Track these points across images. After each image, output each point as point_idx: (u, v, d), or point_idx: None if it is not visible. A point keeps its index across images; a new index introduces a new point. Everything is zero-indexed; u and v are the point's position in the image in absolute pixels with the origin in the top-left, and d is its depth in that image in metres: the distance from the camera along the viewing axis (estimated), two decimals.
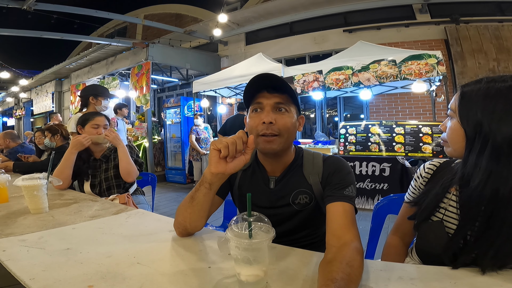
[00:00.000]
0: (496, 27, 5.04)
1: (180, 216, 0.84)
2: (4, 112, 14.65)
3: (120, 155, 1.68)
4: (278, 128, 0.85)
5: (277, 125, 0.84)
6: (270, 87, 0.86)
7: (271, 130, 0.84)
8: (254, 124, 0.86)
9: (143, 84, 6.28)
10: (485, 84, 0.67)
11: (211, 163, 0.75)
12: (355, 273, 0.58)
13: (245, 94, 0.90)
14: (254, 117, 0.87)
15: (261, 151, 0.88)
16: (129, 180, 1.71)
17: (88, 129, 1.75)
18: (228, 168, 0.74)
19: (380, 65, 3.70)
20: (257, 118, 0.86)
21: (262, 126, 0.84)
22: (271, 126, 0.84)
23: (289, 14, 6.27)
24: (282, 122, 0.85)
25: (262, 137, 0.85)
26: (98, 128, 1.75)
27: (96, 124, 1.76)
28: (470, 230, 0.65)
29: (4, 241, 0.84)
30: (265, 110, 0.86)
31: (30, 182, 1.13)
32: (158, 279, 0.62)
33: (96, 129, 1.75)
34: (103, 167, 1.76)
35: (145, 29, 10.49)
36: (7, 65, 9.32)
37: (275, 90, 0.86)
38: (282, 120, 0.85)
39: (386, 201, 1.26)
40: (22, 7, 5.20)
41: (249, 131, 0.88)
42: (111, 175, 1.74)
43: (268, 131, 0.84)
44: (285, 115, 0.86)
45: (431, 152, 3.54)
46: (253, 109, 0.88)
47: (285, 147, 0.89)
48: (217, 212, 1.10)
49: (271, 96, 0.86)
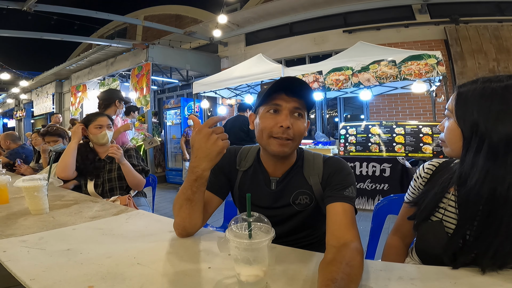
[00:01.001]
0: (495, 27, 5.05)
1: (178, 217, 0.84)
2: (4, 114, 14.67)
3: (125, 171, 1.67)
4: (293, 133, 0.85)
5: (293, 130, 0.84)
6: (289, 90, 0.85)
7: (286, 135, 0.84)
8: (269, 125, 0.85)
9: (143, 85, 6.29)
10: (481, 84, 0.67)
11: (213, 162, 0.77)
12: (355, 273, 0.58)
13: (263, 92, 0.88)
14: (270, 118, 0.85)
15: (272, 153, 0.87)
16: (138, 189, 1.75)
17: (91, 129, 1.76)
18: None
19: (380, 66, 3.70)
20: (273, 119, 0.85)
21: (278, 129, 0.84)
22: (287, 130, 0.84)
23: (289, 15, 6.29)
24: (298, 127, 0.85)
25: (276, 139, 0.85)
26: (102, 128, 1.76)
27: (99, 124, 1.76)
28: (469, 229, 0.66)
29: (5, 242, 0.84)
30: (283, 114, 0.84)
31: (31, 183, 1.13)
32: (158, 280, 0.62)
33: (100, 129, 1.76)
34: (107, 168, 1.76)
35: (145, 30, 10.49)
36: (7, 66, 9.33)
37: (294, 94, 0.85)
38: (298, 126, 0.85)
39: (386, 202, 1.26)
40: (22, 8, 5.21)
41: (260, 130, 0.87)
42: (114, 176, 1.74)
43: (284, 135, 0.84)
44: (300, 120, 0.87)
45: (431, 153, 3.54)
46: (269, 109, 0.86)
47: (293, 151, 0.90)
48: (217, 213, 1.10)
49: (290, 100, 0.85)
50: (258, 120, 0.89)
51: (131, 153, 1.81)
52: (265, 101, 0.87)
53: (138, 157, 1.82)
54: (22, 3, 5.19)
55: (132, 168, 1.69)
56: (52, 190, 1.58)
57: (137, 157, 1.80)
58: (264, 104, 0.87)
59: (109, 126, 1.80)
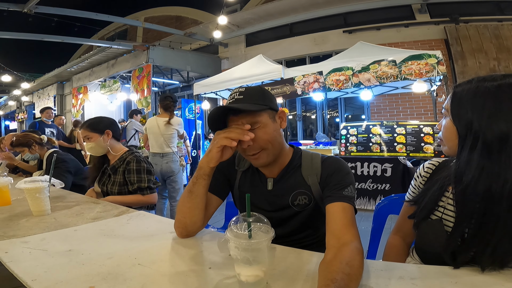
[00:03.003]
0: (495, 27, 5.04)
1: (179, 213, 0.86)
2: (6, 116, 14.72)
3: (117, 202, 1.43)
4: (259, 145, 0.85)
5: (257, 142, 0.84)
6: (231, 110, 0.84)
7: (253, 151, 0.85)
8: (239, 150, 0.87)
9: (144, 87, 6.31)
10: (475, 84, 0.69)
11: (213, 159, 0.81)
12: (355, 273, 0.58)
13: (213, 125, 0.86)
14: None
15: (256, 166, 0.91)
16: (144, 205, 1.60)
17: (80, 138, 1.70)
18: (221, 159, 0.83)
19: (380, 66, 3.70)
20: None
21: (243, 150, 0.87)
22: (252, 146, 0.84)
23: (289, 15, 6.30)
24: (260, 137, 0.84)
25: (250, 156, 0.88)
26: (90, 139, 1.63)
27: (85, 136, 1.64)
28: (467, 227, 0.66)
29: (7, 243, 0.85)
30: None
31: (32, 185, 1.14)
32: (158, 280, 0.62)
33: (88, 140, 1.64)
34: (112, 178, 1.64)
35: (146, 31, 10.51)
36: (8, 68, 9.36)
37: (237, 112, 0.83)
38: (260, 136, 0.83)
39: (387, 201, 1.26)
40: (22, 10, 5.24)
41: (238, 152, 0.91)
42: (115, 191, 1.61)
43: (251, 152, 0.85)
44: (261, 130, 0.84)
45: (433, 152, 3.53)
46: None
47: (275, 154, 0.89)
48: (218, 213, 1.10)
49: (238, 119, 0.83)
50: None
51: (130, 167, 1.60)
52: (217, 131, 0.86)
53: (141, 170, 1.60)
54: (23, 5, 5.22)
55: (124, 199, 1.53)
56: (53, 191, 1.59)
57: (137, 171, 1.59)
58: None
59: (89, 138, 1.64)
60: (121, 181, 1.60)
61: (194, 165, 5.90)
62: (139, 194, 1.57)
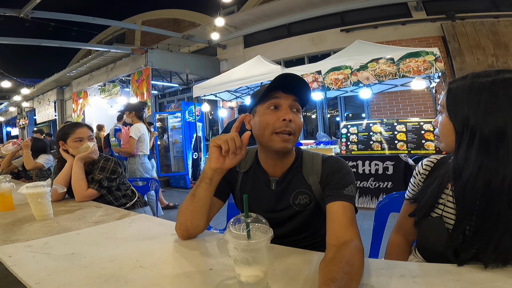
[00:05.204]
0: (492, 23, 5.04)
1: (181, 215, 0.85)
2: (7, 122, 14.75)
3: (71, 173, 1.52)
4: (294, 127, 0.87)
5: (294, 124, 0.86)
6: (286, 88, 0.87)
7: (289, 128, 0.85)
8: (272, 120, 0.85)
9: (143, 90, 6.32)
10: (470, 80, 0.69)
11: (211, 159, 0.81)
12: (355, 272, 0.58)
13: (259, 92, 0.90)
14: (271, 114, 0.86)
15: (274, 149, 0.88)
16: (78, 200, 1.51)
17: (70, 143, 1.60)
18: (226, 163, 0.81)
19: (379, 64, 3.70)
20: (274, 115, 0.86)
21: (281, 124, 0.85)
22: (290, 124, 0.85)
23: (286, 15, 6.31)
24: (297, 122, 0.88)
25: (278, 135, 0.85)
26: (82, 140, 1.61)
27: (79, 137, 1.61)
28: (468, 224, 0.66)
29: (10, 247, 0.86)
30: (283, 108, 0.86)
31: (34, 190, 1.14)
32: (160, 282, 0.63)
33: (80, 142, 1.61)
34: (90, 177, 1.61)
35: (143, 35, 10.53)
36: (8, 74, 9.38)
37: (290, 91, 0.88)
38: (297, 120, 0.88)
39: (387, 200, 1.25)
40: (19, 15, 5.23)
41: (261, 127, 0.87)
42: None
43: (288, 128, 0.85)
44: (298, 115, 0.89)
45: (434, 149, 3.52)
46: (269, 106, 0.87)
47: (293, 146, 0.91)
48: (220, 215, 1.11)
49: (288, 96, 0.87)
50: (258, 119, 0.89)
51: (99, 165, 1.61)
52: (263, 99, 0.88)
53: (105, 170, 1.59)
54: (19, 10, 5.22)
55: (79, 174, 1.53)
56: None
57: (102, 169, 1.59)
58: (263, 102, 0.88)
59: (90, 137, 1.65)
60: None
61: (195, 167, 5.92)
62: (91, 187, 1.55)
